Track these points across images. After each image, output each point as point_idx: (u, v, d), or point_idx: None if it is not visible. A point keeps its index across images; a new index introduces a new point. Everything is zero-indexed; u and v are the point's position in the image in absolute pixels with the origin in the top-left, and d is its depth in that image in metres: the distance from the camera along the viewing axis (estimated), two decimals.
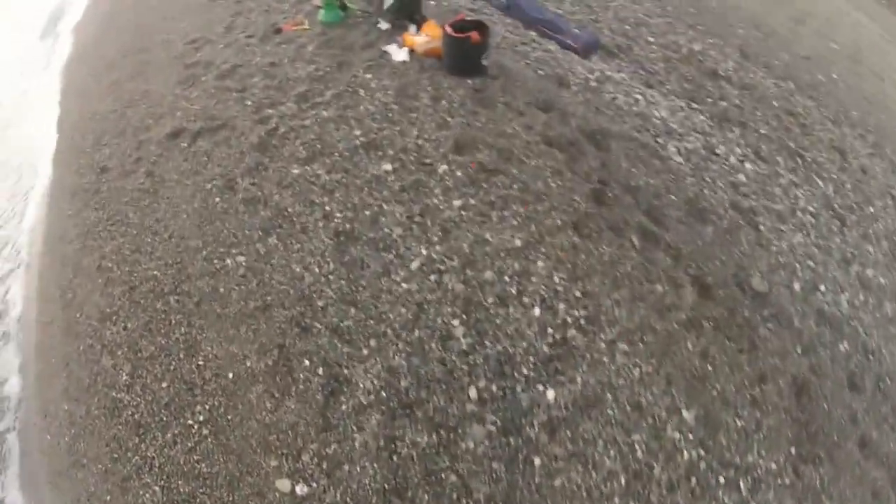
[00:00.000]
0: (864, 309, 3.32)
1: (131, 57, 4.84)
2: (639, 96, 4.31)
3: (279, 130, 3.52)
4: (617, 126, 3.86)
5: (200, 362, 2.72)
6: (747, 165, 3.97)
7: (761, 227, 3.48)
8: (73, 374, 2.94)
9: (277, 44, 4.38)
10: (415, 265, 2.81)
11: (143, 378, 2.74)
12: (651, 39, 5.15)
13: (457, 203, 3.04)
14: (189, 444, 2.46)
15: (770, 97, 4.83)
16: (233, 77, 4.10)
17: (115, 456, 2.53)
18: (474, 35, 3.73)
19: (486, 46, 3.87)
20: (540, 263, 2.83)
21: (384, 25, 4.43)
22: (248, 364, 2.65)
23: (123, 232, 3.33)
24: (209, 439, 2.46)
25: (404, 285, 2.74)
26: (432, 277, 2.76)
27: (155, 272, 3.06)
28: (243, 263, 2.91)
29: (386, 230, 2.94)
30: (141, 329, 2.89)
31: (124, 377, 2.78)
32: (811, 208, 3.82)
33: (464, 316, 2.65)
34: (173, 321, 2.86)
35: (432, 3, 4.84)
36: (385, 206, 3.03)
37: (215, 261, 2.97)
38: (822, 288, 3.29)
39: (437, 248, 2.86)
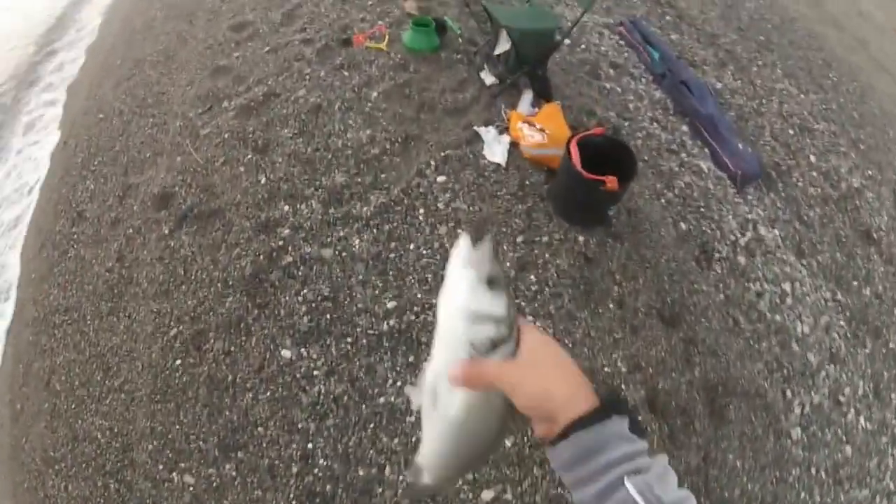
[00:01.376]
0: None
1: (174, 22, 3.61)
2: (787, 286, 2.96)
3: (281, 261, 2.45)
4: (749, 366, 2.55)
5: None
6: (861, 425, 2.68)
7: None
8: None
9: (336, 67, 3.09)
10: None
11: None
12: (812, 159, 3.69)
13: None
14: None
15: None
16: (260, 114, 2.93)
17: None
18: (611, 181, 2.34)
19: (622, 195, 2.49)
20: None
21: (488, 79, 3.00)
22: None
23: (77, 344, 2.53)
24: None
25: None
26: None
27: (98, 434, 2.32)
28: (191, 489, 2.09)
29: None
30: None
31: None
32: None
33: None
34: None
35: (565, 45, 3.25)
36: None
37: (160, 466, 2.15)
38: None
39: None
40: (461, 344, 0.54)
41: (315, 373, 2.24)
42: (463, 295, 0.54)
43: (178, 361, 2.33)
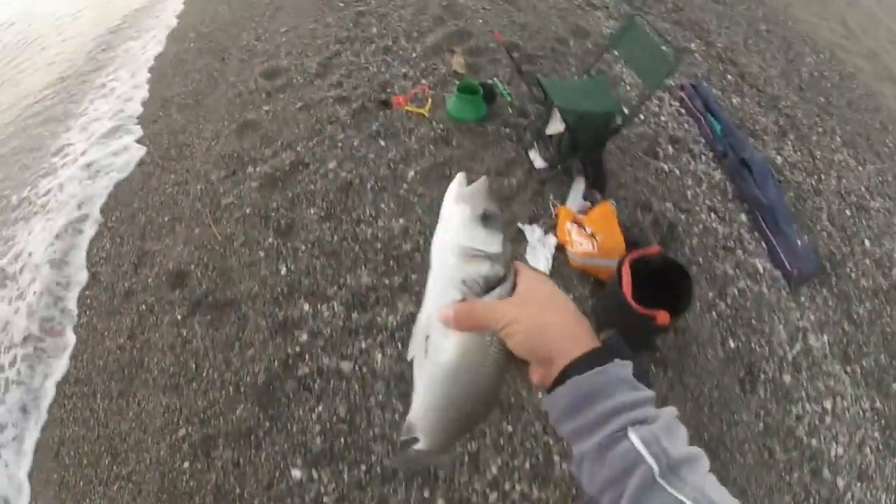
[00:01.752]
0: None
1: (206, 58, 3.38)
2: (828, 403, 2.73)
3: (297, 370, 2.29)
4: (777, 501, 2.36)
5: None
6: None
7: None
8: None
9: (372, 135, 2.86)
10: None
11: None
12: (867, 244, 3.46)
13: None
14: None
15: None
16: (285, 188, 2.73)
17: None
18: (662, 317, 2.12)
19: (671, 328, 2.27)
20: None
21: (538, 161, 2.74)
22: None
23: (86, 420, 2.43)
24: None
25: None
26: None
27: None
28: None
29: None
30: None
31: None
32: None
33: None
34: None
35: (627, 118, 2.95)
36: None
37: None
38: None
39: None
40: (453, 282, 0.50)
41: (325, 499, 2.10)
42: (455, 231, 0.51)
43: (186, 464, 2.22)
